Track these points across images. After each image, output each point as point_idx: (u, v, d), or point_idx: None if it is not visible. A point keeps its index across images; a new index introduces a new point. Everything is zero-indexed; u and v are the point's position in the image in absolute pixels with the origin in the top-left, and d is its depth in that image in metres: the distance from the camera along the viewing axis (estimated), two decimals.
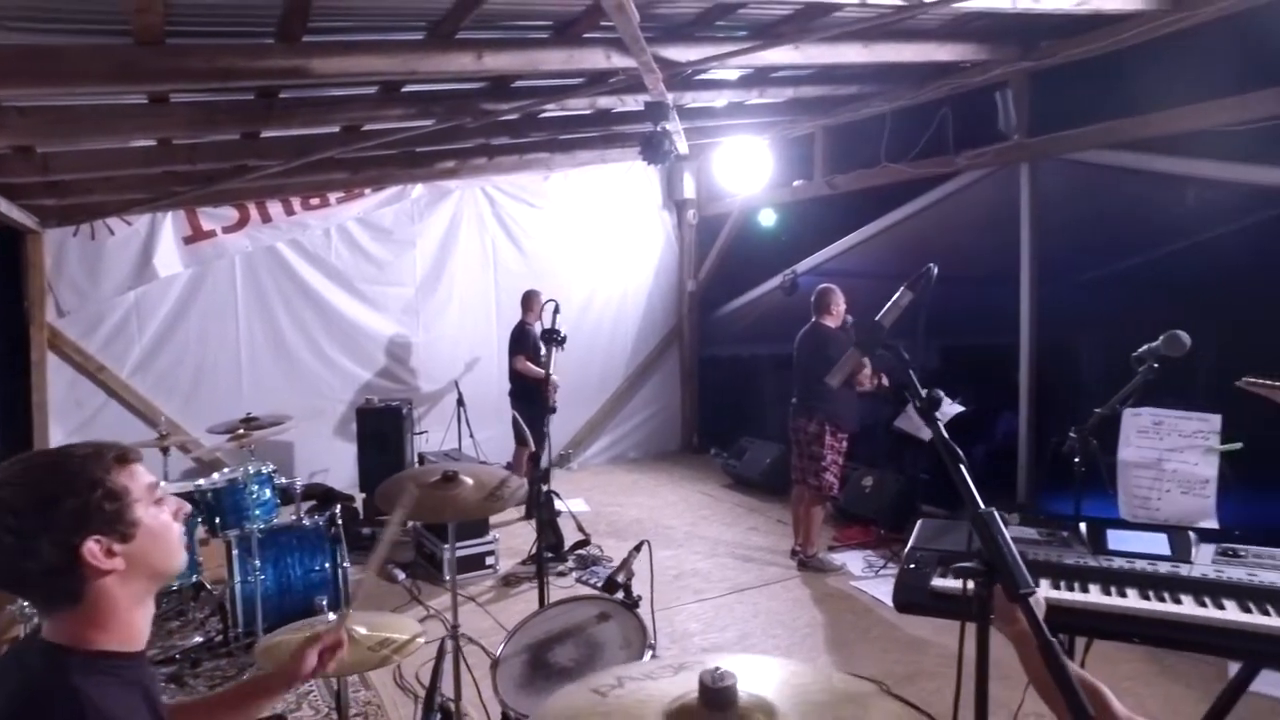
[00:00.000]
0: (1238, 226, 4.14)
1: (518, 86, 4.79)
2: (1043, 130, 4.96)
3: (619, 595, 2.54)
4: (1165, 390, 2.63)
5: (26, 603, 2.97)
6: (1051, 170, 5.00)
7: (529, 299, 6.55)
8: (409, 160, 6.26)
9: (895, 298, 1.69)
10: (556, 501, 5.37)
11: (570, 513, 5.76)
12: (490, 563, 5.23)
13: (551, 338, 4.43)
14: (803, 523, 5.26)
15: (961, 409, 5.03)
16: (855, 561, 5.26)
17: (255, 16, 3.29)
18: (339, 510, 4.52)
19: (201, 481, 4.43)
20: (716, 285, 8.51)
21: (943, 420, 5.05)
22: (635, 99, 4.94)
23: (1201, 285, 4.12)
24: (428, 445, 6.82)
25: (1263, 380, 2.47)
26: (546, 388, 4.57)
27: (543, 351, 5.30)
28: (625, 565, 2.60)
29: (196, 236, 6.53)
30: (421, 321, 7.39)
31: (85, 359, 6.26)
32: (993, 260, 5.40)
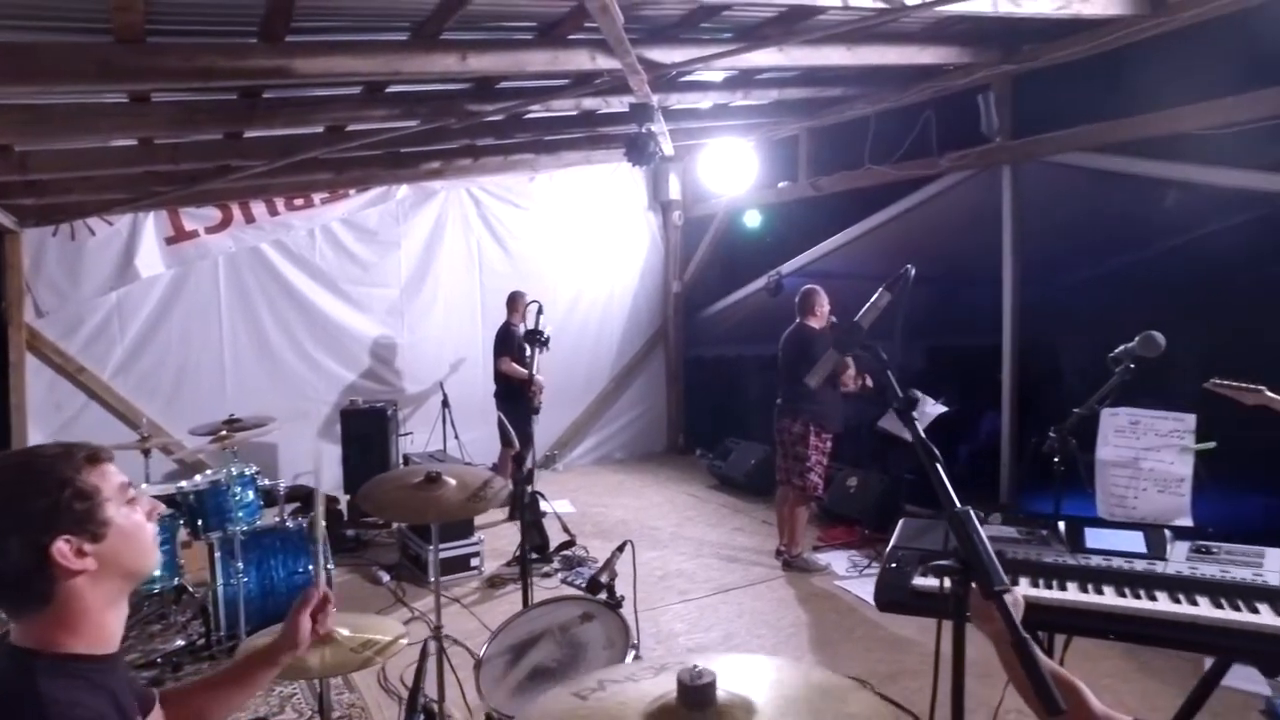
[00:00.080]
0: (1217, 229, 4.20)
1: (502, 88, 4.79)
2: (1025, 133, 5.01)
3: (602, 596, 2.54)
4: (1144, 390, 2.67)
5: None
6: (1033, 172, 5.06)
7: (514, 300, 6.55)
8: (393, 161, 6.24)
9: (873, 299, 1.71)
10: (542, 503, 5.36)
11: (555, 514, 5.76)
12: (475, 564, 5.22)
13: (535, 338, 4.43)
14: (787, 523, 5.27)
15: (945, 409, 5.05)
16: (840, 561, 5.29)
17: (238, 16, 3.27)
18: (322, 508, 4.49)
19: (184, 483, 4.39)
20: (702, 286, 8.53)
21: (924, 421, 5.06)
22: (620, 100, 4.95)
23: (1181, 287, 4.18)
24: (412, 446, 6.79)
25: (1229, 382, 2.52)
26: (530, 389, 4.57)
27: (527, 352, 5.29)
28: (608, 565, 2.61)
29: (179, 237, 6.48)
30: (406, 322, 7.36)
31: (65, 360, 6.19)
32: (976, 261, 5.45)
